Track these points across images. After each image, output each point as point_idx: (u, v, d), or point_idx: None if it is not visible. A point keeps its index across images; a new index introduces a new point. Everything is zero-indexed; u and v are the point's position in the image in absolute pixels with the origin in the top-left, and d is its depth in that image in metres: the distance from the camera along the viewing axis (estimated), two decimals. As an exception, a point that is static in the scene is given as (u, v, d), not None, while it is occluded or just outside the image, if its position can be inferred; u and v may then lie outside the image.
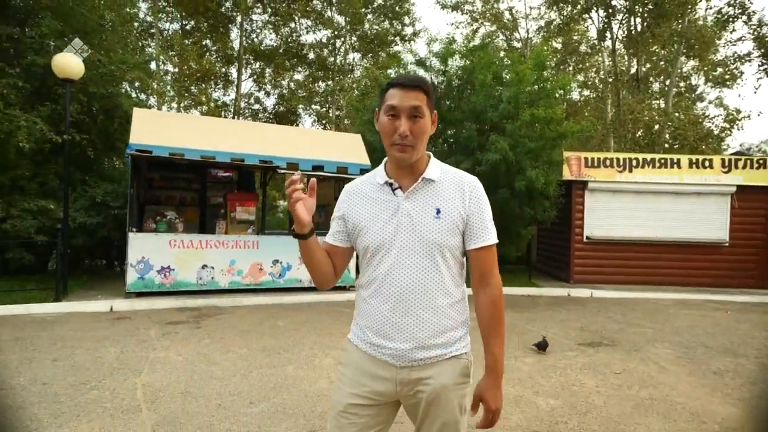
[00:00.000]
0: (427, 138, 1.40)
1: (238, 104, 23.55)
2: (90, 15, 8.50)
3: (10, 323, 5.54)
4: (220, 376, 4.00)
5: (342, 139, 9.12)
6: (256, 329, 5.68)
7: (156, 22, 20.06)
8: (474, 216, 1.40)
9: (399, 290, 1.36)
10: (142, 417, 3.17)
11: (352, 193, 1.50)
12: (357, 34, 23.97)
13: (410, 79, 1.37)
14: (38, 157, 8.05)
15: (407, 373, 1.37)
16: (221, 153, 7.29)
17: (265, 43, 24.07)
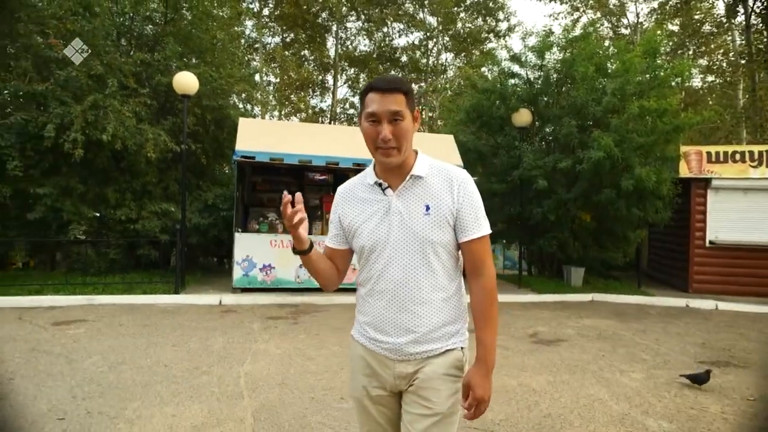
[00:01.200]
0: (412, 137, 1.40)
1: (334, 110, 24.57)
2: (204, 36, 9.39)
3: (140, 311, 6.29)
4: (314, 370, 4.17)
5: (433, 141, 9.07)
6: (348, 327, 5.76)
7: (260, 38, 21.63)
8: (464, 209, 1.41)
9: (393, 287, 1.40)
10: (244, 403, 3.40)
11: (345, 195, 1.54)
12: (449, 34, 23.76)
13: (387, 81, 1.37)
14: (162, 165, 9.08)
15: (404, 366, 1.41)
16: (317, 157, 7.62)
17: (359, 49, 24.82)
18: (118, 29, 8.79)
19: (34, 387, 3.57)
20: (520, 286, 9.18)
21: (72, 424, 2.99)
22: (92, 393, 3.48)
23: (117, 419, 3.08)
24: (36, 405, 3.25)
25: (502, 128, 10.27)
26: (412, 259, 1.39)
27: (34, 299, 6.51)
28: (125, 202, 8.38)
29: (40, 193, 7.33)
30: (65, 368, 3.99)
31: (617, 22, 22.36)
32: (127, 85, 7.90)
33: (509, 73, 10.31)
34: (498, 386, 3.88)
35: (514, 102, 9.47)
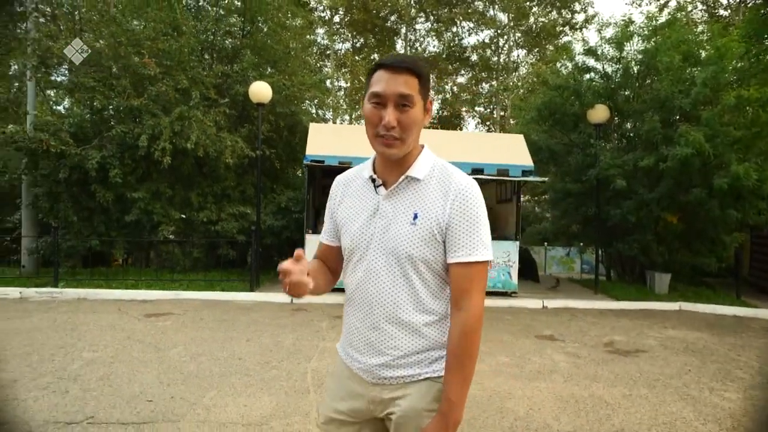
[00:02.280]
0: (420, 130, 1.18)
1: (402, 112, 24.69)
2: (277, 47, 9.90)
3: (219, 307, 6.75)
4: (377, 370, 4.23)
5: (503, 141, 8.86)
6: None
7: (331, 45, 22.34)
8: (456, 224, 1.15)
9: (369, 303, 1.20)
10: (310, 398, 3.54)
11: (340, 185, 1.34)
12: (521, 30, 23.04)
13: (400, 59, 1.14)
14: (239, 170, 9.69)
15: (378, 391, 1.21)
16: (384, 159, 7.73)
17: (427, 50, 24.79)
18: (201, 45, 9.51)
19: (129, 371, 3.96)
20: (597, 292, 8.68)
21: (159, 407, 3.28)
22: (176, 380, 3.80)
23: (196, 405, 3.34)
24: (130, 387, 3.61)
25: (576, 126, 9.78)
26: (390, 273, 1.18)
27: (131, 293, 7.21)
28: (207, 205, 9.05)
29: (135, 197, 8.12)
30: (154, 356, 4.39)
31: (714, 3, 20.39)
32: (209, 97, 8.52)
33: (584, 67, 9.79)
34: (566, 395, 3.70)
35: (590, 98, 8.97)
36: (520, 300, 7.76)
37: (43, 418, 3.08)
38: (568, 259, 12.87)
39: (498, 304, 7.54)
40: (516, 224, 8.26)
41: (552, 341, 5.45)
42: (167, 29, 8.35)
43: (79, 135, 8.44)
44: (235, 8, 10.03)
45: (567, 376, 4.20)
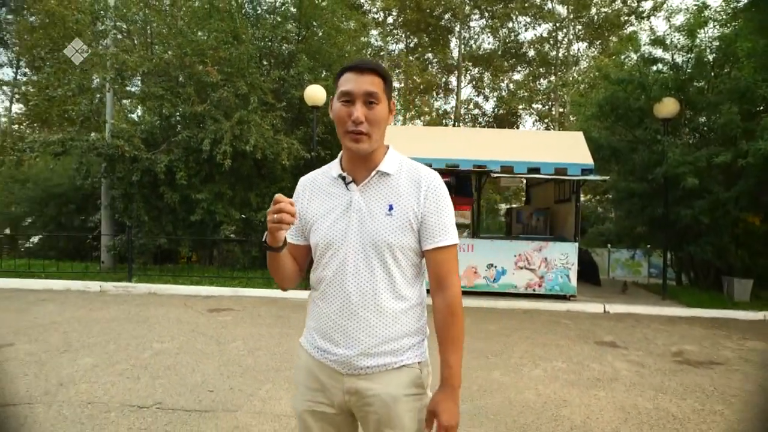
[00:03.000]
0: (385, 127, 1.26)
1: (458, 111, 24.44)
2: (331, 50, 10.10)
3: (275, 304, 6.99)
4: (428, 371, 4.21)
5: (561, 139, 8.53)
6: (467, 331, 5.69)
7: (385, 46, 22.48)
8: (430, 214, 1.26)
9: (346, 292, 1.25)
10: (361, 397, 3.58)
11: (307, 186, 1.38)
12: (582, 22, 22.07)
13: (365, 62, 1.25)
14: (296, 171, 9.96)
15: (353, 381, 1.25)
16: (437, 160, 7.67)
17: (482, 47, 24.35)
18: (260, 52, 9.89)
19: (193, 362, 4.20)
20: (665, 298, 8.15)
21: (219, 396, 3.45)
22: (234, 372, 3.98)
23: (253, 397, 3.48)
24: (193, 377, 3.82)
25: (641, 121, 9.22)
26: (368, 263, 1.24)
27: (195, 289, 7.64)
28: (265, 205, 9.40)
29: (199, 198, 8.59)
30: (215, 349, 4.62)
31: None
32: (266, 101, 8.85)
33: (650, 58, 9.21)
34: (628, 406, 3.51)
35: (657, 91, 8.42)
36: (579, 304, 7.44)
37: (118, 401, 3.34)
38: (633, 262, 12.18)
39: (555, 307, 7.27)
40: (575, 225, 7.92)
41: (613, 348, 5.18)
42: (228, 38, 8.77)
43: (150, 140, 9.07)
44: (291, 15, 10.35)
45: (629, 385, 3.98)
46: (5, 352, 4.35)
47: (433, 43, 23.79)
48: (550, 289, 7.71)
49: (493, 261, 7.85)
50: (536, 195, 10.75)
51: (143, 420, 3.07)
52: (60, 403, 3.29)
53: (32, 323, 5.42)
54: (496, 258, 7.85)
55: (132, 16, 9.62)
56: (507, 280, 7.82)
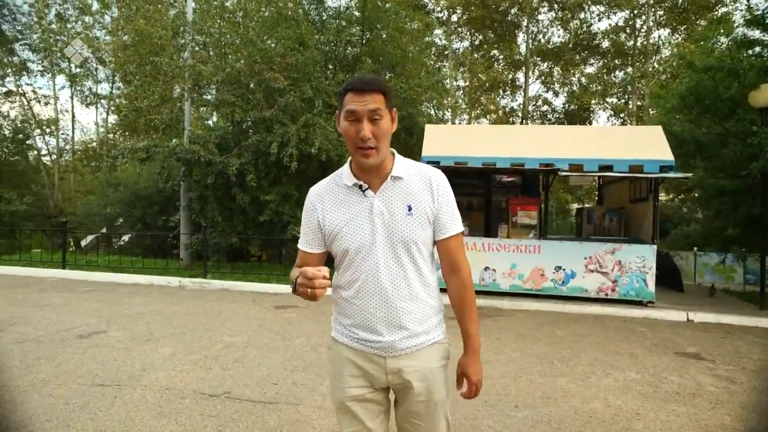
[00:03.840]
0: (390, 137, 1.40)
1: (526, 108, 23.65)
2: (395, 51, 10.16)
3: (339, 302, 7.14)
4: (490, 374, 4.10)
5: (637, 134, 7.96)
6: (532, 334, 5.57)
7: (449, 44, 22.24)
8: (443, 208, 1.45)
9: (382, 288, 1.41)
10: (419, 397, 3.56)
11: (322, 196, 1.49)
12: (664, 6, 20.48)
13: (365, 82, 1.36)
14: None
15: (395, 362, 1.43)
16: (502, 159, 7.47)
17: (552, 41, 23.38)
18: (325, 56, 10.17)
19: (260, 356, 4.39)
20: (763, 307, 7.35)
21: (282, 389, 3.59)
22: (297, 367, 4.11)
23: (314, 392, 3.58)
24: (259, 370, 4.00)
25: (732, 112, 8.38)
26: (397, 259, 1.41)
27: (264, 286, 7.99)
28: (330, 206, 9.64)
29: (267, 200, 8.98)
30: (280, 344, 4.81)
31: None
32: (331, 104, 9.07)
33: (745, 41, 8.34)
34: (713, 425, 3.20)
35: (753, 77, 7.61)
36: (658, 311, 6.90)
37: (192, 388, 3.57)
38: (724, 267, 11.09)
39: (630, 313, 6.80)
40: (653, 226, 7.37)
41: (697, 360, 4.75)
42: (294, 45, 9.10)
43: (223, 145, 9.62)
44: (355, 19, 10.54)
45: (715, 402, 3.62)
46: (99, 338, 4.81)
47: (499, 40, 23.19)
48: (625, 294, 7.22)
49: (561, 263, 7.50)
50: (610, 194, 10.12)
51: (213, 408, 3.25)
52: (143, 387, 3.58)
53: (121, 314, 5.95)
54: (564, 260, 7.49)
55: (207, 29, 10.27)
56: (576, 283, 7.44)
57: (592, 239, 8.03)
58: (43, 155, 22.88)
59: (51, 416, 3.08)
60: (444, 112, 21.81)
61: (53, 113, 22.67)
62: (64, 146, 23.06)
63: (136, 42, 14.67)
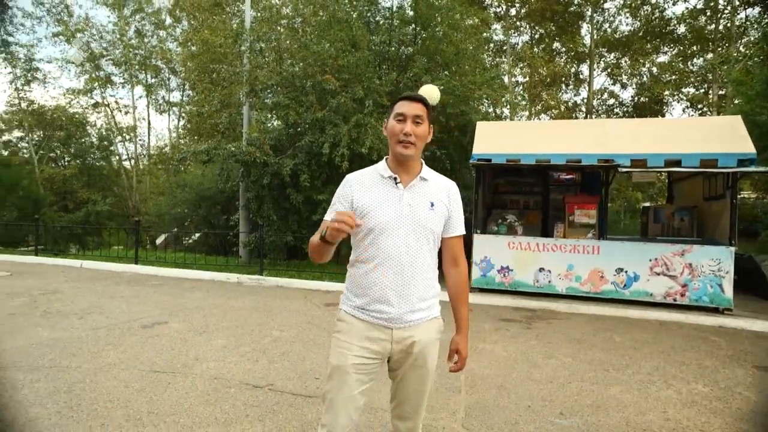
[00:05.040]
0: (425, 143, 1.73)
1: (590, 102, 22.51)
2: (448, 49, 10.01)
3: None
4: (537, 378, 3.94)
5: (711, 125, 7.30)
6: (587, 339, 5.28)
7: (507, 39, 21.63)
8: (454, 212, 1.80)
9: (401, 265, 1.67)
10: (460, 398, 3.48)
11: (361, 181, 1.76)
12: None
13: (415, 95, 1.73)
14: (412, 171, 10.09)
15: (400, 332, 1.70)
16: (557, 155, 7.15)
17: (619, 30, 22.06)
18: (377, 57, 10.22)
19: (305, 351, 4.50)
20: None
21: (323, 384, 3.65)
22: (340, 363, 4.16)
23: (354, 389, 3.60)
24: (303, 365, 4.10)
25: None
26: (418, 243, 1.69)
27: (316, 284, 8.18)
28: (381, 205, 9.68)
29: (320, 199, 9.17)
30: (326, 340, 4.89)
31: None
32: (382, 104, 9.11)
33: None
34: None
35: None
36: (737, 319, 6.30)
37: (238, 379, 3.73)
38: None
39: (702, 321, 6.26)
40: (731, 226, 6.73)
41: (778, 374, 4.28)
42: (346, 47, 9.22)
43: (278, 146, 9.94)
44: (408, 18, 10.51)
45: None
46: (161, 329, 5.14)
47: (561, 32, 22.22)
48: (696, 299, 6.66)
49: (623, 265, 7.05)
50: (680, 191, 9.38)
51: (256, 398, 3.37)
52: (194, 376, 3.78)
53: (183, 307, 6.33)
54: (627, 262, 7.03)
55: (265, 35, 10.68)
56: (640, 286, 6.96)
57: (658, 240, 7.49)
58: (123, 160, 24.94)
59: (113, 397, 3.33)
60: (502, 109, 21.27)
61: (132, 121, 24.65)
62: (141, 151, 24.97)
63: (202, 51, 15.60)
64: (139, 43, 22.03)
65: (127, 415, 3.07)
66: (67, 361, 4.08)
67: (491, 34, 20.47)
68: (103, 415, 3.06)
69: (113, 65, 22.45)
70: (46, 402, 3.25)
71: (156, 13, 22.44)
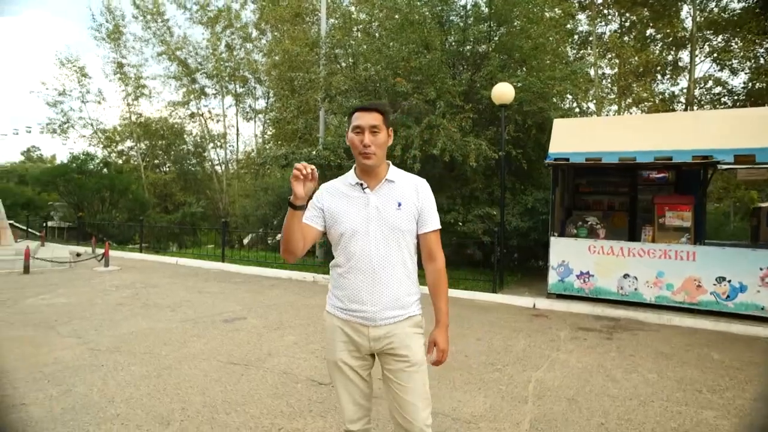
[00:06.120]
0: (386, 148, 1.77)
1: (691, 93, 20.47)
2: (524, 45, 9.62)
3: (458, 304, 7.04)
4: (614, 394, 3.66)
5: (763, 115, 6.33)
6: (678, 355, 4.81)
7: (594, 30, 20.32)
8: (425, 208, 1.81)
9: (371, 265, 1.73)
10: (526, 408, 3.34)
11: (330, 190, 1.84)
12: None
13: (369, 104, 1.75)
14: (488, 172, 9.84)
15: (376, 330, 1.74)
16: (643, 153, 6.61)
17: (728, 8, 19.76)
18: (450, 57, 10.10)
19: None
20: None
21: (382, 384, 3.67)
22: (404, 365, 4.17)
23: (416, 392, 3.59)
24: (368, 365, 4.16)
25: None
26: (386, 243, 1.74)
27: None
28: (455, 207, 9.54)
29: (393, 201, 9.23)
30: (393, 341, 4.92)
31: None
32: (455, 104, 8.98)
33: None
34: None
35: None
36: None
37: (305, 375, 3.88)
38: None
39: None
40: None
41: None
42: (419, 48, 9.21)
43: (352, 150, 10.16)
44: (482, 15, 10.26)
45: None
46: (240, 324, 5.49)
47: (656, 16, 20.40)
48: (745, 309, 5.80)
49: (725, 274, 6.32)
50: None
51: (320, 395, 3.49)
52: (265, 369, 4.00)
53: (261, 303, 6.71)
54: (730, 270, 6.30)
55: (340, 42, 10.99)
56: (747, 298, 6.19)
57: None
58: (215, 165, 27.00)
59: (193, 384, 3.62)
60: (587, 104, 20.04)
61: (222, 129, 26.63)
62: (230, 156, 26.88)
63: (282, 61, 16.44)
64: (229, 56, 23.75)
65: (204, 401, 3.32)
66: (159, 349, 4.50)
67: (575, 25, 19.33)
68: (184, 399, 3.34)
69: (206, 78, 24.46)
70: (140, 384, 3.62)
71: (243, 28, 24.05)
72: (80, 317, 5.67)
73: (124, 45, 24.89)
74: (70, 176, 19.81)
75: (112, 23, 24.40)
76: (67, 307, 6.23)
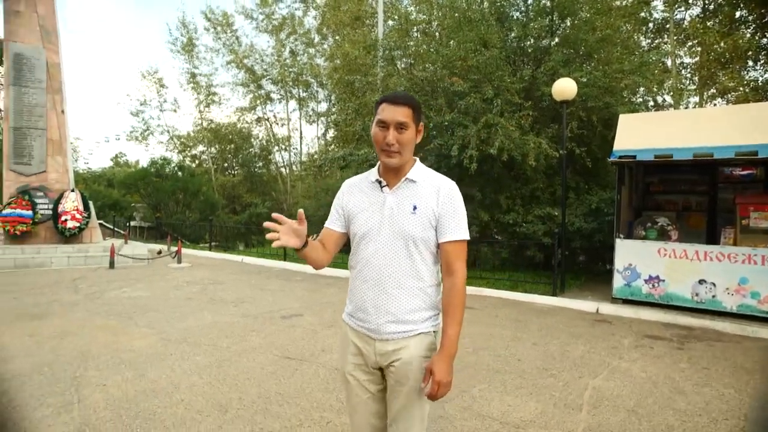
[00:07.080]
0: (413, 146, 1.60)
1: (790, 79, 18.46)
2: (589, 37, 9.16)
3: (516, 307, 6.86)
4: (681, 408, 3.41)
5: None
6: (761, 371, 4.39)
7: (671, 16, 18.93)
8: (445, 214, 1.58)
9: (377, 273, 1.57)
10: (579, 417, 3.20)
11: (350, 186, 1.72)
12: None
13: (398, 96, 1.56)
14: (549, 171, 9.48)
15: (383, 345, 1.58)
16: (722, 148, 6.07)
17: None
18: (511, 53, 9.83)
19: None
20: None
21: (435, 387, 3.67)
22: (455, 366, 4.12)
23: (465, 393, 3.56)
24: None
25: None
26: (395, 250, 1.56)
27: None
28: (515, 207, 9.28)
29: (449, 201, 9.15)
30: (444, 342, 4.89)
31: None
32: (513, 102, 8.73)
33: None
34: None
35: None
36: None
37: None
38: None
39: None
40: None
41: None
42: (476, 46, 9.05)
43: (409, 150, 10.18)
44: (544, 9, 9.90)
45: None
46: (296, 320, 5.70)
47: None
48: None
49: (822, 281, 5.67)
50: None
51: (368, 392, 3.54)
52: (318, 365, 4.13)
53: (317, 301, 6.92)
54: (828, 278, 5.64)
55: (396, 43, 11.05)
56: None
57: None
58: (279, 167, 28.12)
59: (250, 376, 3.82)
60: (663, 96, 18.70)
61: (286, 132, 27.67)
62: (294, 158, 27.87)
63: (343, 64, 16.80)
64: (293, 61, 24.65)
65: (259, 393, 3.49)
66: (221, 341, 4.79)
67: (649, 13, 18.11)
68: (242, 390, 3.53)
69: (272, 84, 25.53)
70: (202, 373, 3.87)
71: (306, 34, 24.85)
72: (155, 309, 6.15)
73: (196, 56, 26.59)
74: (149, 179, 21.52)
75: (186, 36, 26.15)
76: (144, 300, 6.78)
